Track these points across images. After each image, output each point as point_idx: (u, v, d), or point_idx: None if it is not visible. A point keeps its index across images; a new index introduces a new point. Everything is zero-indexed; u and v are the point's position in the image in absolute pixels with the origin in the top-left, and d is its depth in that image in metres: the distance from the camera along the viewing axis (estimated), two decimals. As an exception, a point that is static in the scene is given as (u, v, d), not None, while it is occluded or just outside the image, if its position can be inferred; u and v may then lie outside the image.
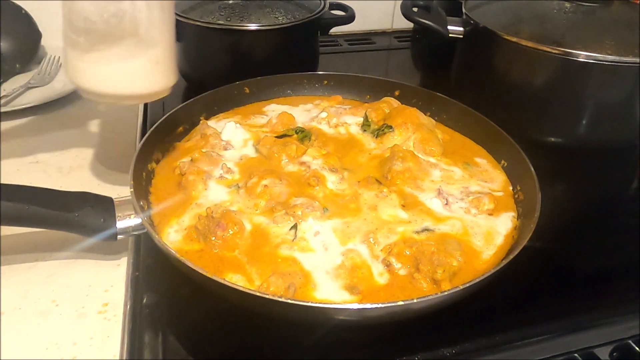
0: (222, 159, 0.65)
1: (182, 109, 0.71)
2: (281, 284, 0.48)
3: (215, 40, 0.85)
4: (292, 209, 0.56)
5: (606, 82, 0.71)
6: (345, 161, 0.66)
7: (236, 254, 0.52)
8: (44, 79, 0.92)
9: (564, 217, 0.69)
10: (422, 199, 0.60)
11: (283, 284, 0.48)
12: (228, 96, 0.78)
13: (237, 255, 0.52)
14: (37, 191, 0.52)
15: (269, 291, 0.47)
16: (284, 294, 0.47)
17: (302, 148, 0.67)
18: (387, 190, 0.60)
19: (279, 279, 0.48)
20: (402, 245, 0.52)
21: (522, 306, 0.55)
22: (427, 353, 0.48)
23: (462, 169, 0.66)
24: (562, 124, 0.76)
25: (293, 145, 0.66)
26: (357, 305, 0.44)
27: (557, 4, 0.82)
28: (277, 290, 0.47)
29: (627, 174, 0.81)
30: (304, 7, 0.92)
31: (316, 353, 0.48)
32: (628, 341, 0.52)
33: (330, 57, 1.09)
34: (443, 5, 0.92)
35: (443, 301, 0.45)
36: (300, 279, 0.49)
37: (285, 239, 0.54)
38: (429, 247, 0.51)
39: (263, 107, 0.78)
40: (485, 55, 0.81)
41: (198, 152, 0.64)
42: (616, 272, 0.61)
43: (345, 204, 0.59)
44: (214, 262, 0.51)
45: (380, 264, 0.52)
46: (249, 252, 0.52)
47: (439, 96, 0.77)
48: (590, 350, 0.51)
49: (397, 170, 0.62)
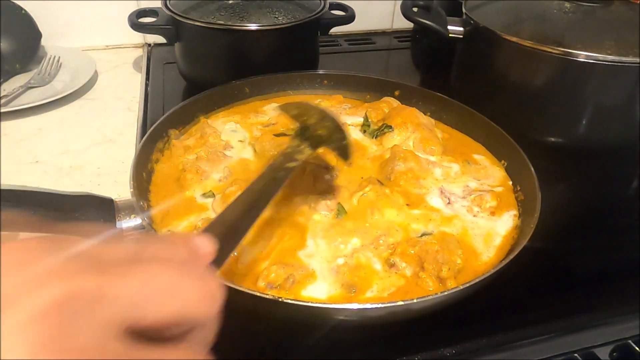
0: (225, 160, 0.65)
1: (182, 108, 0.71)
2: (282, 273, 0.48)
3: (215, 40, 0.85)
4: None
5: (606, 82, 0.71)
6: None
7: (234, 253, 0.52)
8: (44, 79, 0.92)
9: (564, 217, 0.69)
10: (425, 198, 0.61)
11: (283, 274, 0.48)
12: (228, 95, 0.78)
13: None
14: (37, 193, 0.52)
15: (269, 278, 0.47)
16: (282, 284, 0.48)
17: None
18: (389, 190, 0.60)
19: (280, 268, 0.49)
20: (405, 245, 0.52)
21: (522, 306, 0.55)
22: (427, 353, 0.48)
23: (462, 167, 0.67)
24: (562, 124, 0.76)
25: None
26: (358, 305, 0.44)
27: (557, 4, 0.82)
28: (277, 279, 0.48)
29: (627, 174, 0.81)
30: (304, 7, 0.92)
31: (316, 353, 0.48)
32: (628, 341, 0.52)
33: (330, 57, 1.09)
34: (443, 5, 0.92)
35: (444, 301, 0.45)
36: (301, 273, 0.50)
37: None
38: (432, 246, 0.52)
39: (263, 106, 0.78)
40: (485, 55, 0.81)
41: (204, 151, 0.64)
42: (616, 272, 0.61)
43: (349, 205, 0.59)
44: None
45: (385, 264, 0.52)
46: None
47: (438, 96, 0.77)
48: (590, 350, 0.51)
49: (400, 171, 0.62)
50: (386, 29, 1.27)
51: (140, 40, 1.11)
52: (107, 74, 1.00)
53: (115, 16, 1.04)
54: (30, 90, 0.90)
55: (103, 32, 1.08)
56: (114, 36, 1.09)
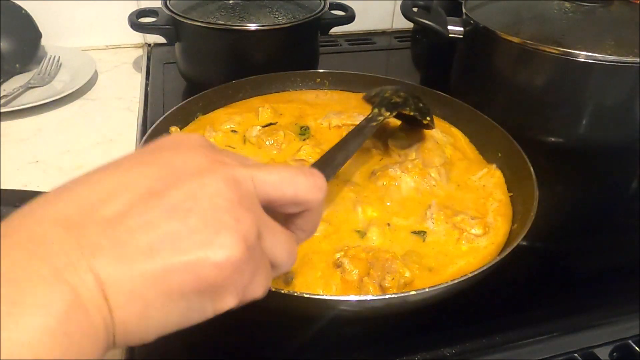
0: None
1: (182, 108, 0.71)
2: None
3: (215, 40, 0.85)
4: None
5: (606, 82, 0.71)
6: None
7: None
8: (44, 79, 0.92)
9: (563, 217, 0.69)
10: (411, 210, 0.59)
11: None
12: (228, 95, 0.78)
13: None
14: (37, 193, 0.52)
15: None
16: None
17: (295, 141, 0.68)
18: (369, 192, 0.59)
19: None
20: (359, 249, 0.51)
21: (522, 306, 0.55)
22: (427, 353, 0.48)
23: (460, 187, 0.63)
24: (562, 124, 0.76)
25: (281, 132, 0.67)
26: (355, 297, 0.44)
27: (557, 4, 0.82)
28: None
29: (627, 174, 0.81)
30: (304, 7, 0.92)
31: (316, 353, 0.48)
32: (628, 341, 0.52)
33: (330, 57, 1.09)
34: (443, 5, 0.92)
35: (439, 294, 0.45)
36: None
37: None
38: (384, 254, 0.50)
39: (262, 105, 0.78)
40: (485, 55, 0.81)
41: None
42: (616, 272, 0.61)
43: (330, 197, 0.59)
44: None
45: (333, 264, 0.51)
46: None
47: (437, 93, 0.77)
48: (590, 350, 0.51)
49: (391, 176, 0.61)
50: (386, 29, 1.27)
51: (140, 40, 1.11)
52: (107, 74, 1.00)
53: (115, 16, 1.04)
54: (30, 90, 0.89)
55: (103, 32, 1.08)
56: (114, 36, 1.09)
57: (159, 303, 0.25)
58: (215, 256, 0.26)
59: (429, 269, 0.52)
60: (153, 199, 0.26)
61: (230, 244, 0.26)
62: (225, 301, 0.28)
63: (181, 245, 0.25)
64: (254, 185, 0.30)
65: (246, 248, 0.27)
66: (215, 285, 0.26)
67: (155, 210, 0.26)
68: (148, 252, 0.25)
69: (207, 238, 0.26)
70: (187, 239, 0.25)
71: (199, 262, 0.25)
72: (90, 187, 0.26)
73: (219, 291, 0.27)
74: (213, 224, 0.26)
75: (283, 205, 0.32)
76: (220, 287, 0.27)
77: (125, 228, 0.25)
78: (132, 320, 0.25)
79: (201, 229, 0.26)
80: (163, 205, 0.26)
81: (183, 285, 0.25)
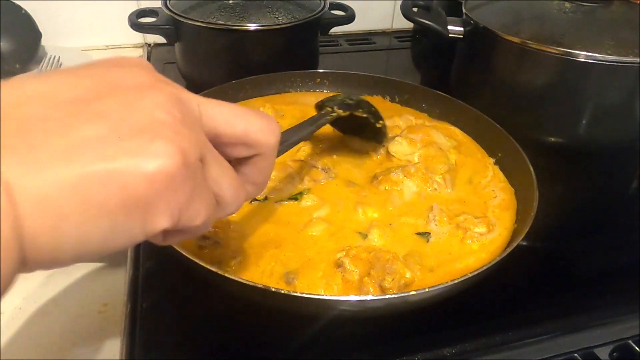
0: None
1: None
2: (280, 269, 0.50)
3: (215, 40, 0.85)
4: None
5: (606, 82, 0.71)
6: (338, 160, 0.66)
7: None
8: (44, 79, 0.92)
9: (564, 217, 0.69)
10: (414, 213, 0.59)
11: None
12: (228, 95, 0.78)
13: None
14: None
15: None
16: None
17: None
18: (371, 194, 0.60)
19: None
20: (360, 249, 0.51)
21: (522, 306, 0.55)
22: (427, 353, 0.48)
23: (464, 189, 0.64)
24: (562, 124, 0.76)
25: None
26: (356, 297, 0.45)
27: (557, 4, 0.82)
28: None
29: (627, 174, 0.81)
30: (304, 7, 0.92)
31: (316, 353, 0.48)
32: (628, 341, 0.52)
33: (330, 57, 1.09)
34: (443, 5, 0.92)
35: (439, 294, 0.45)
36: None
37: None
38: (385, 255, 0.50)
39: (262, 106, 0.78)
40: (485, 55, 0.81)
41: None
42: (616, 272, 0.61)
43: (331, 198, 0.59)
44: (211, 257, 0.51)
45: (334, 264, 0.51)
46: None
47: (437, 93, 0.77)
48: (590, 350, 0.51)
49: (393, 181, 0.61)
50: (386, 29, 1.27)
51: (140, 40, 1.11)
52: (107, 74, 0.99)
53: (115, 16, 1.04)
54: (30, 90, 0.89)
55: (103, 32, 1.08)
56: (114, 36, 1.09)
57: (77, 217, 0.22)
58: (146, 165, 0.23)
59: (431, 270, 0.52)
60: (80, 104, 0.23)
61: (164, 153, 0.23)
62: (156, 221, 0.24)
63: (106, 151, 0.22)
64: (200, 113, 0.27)
65: (183, 163, 0.24)
66: (144, 201, 0.23)
67: (80, 116, 0.23)
68: (65, 156, 0.21)
69: (138, 145, 0.23)
70: (113, 145, 0.22)
71: (126, 171, 0.22)
72: (10, 91, 0.23)
73: (148, 208, 0.24)
74: (148, 133, 0.23)
75: (231, 145, 0.29)
76: (150, 204, 0.24)
77: (41, 130, 0.22)
78: (45, 233, 0.21)
79: (133, 135, 0.23)
80: (90, 111, 0.23)
81: (106, 198, 0.22)
